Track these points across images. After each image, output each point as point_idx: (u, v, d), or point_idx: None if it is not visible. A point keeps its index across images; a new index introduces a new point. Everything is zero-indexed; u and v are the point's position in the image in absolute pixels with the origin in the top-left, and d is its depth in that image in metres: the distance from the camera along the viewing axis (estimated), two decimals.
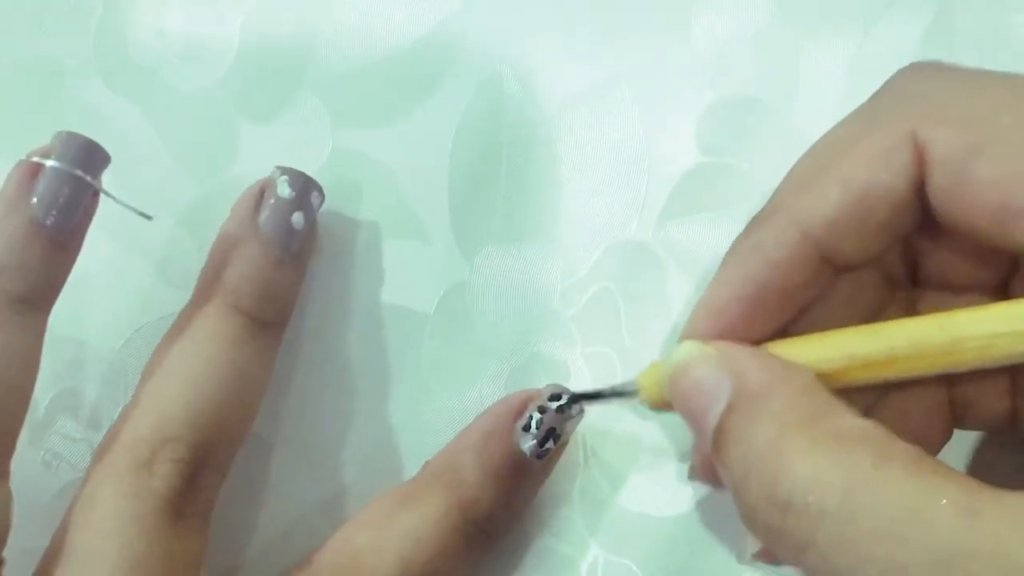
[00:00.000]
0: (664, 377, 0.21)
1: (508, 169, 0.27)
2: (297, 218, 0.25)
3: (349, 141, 0.28)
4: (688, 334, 0.21)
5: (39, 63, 0.29)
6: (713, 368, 0.20)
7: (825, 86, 0.27)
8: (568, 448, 0.26)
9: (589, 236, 0.27)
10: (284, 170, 0.25)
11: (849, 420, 0.18)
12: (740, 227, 0.27)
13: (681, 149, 0.27)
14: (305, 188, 0.25)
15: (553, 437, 0.24)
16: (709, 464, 0.22)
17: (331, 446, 0.27)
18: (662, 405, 0.22)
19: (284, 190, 0.25)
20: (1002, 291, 0.22)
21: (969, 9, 0.26)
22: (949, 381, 0.22)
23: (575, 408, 0.24)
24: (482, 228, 0.27)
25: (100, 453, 0.23)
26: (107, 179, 0.28)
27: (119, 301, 0.28)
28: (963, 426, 0.23)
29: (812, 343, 0.20)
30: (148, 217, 0.25)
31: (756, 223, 0.21)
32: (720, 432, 0.19)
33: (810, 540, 0.17)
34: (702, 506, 0.26)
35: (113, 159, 0.28)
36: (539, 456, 0.24)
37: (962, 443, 0.25)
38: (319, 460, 0.27)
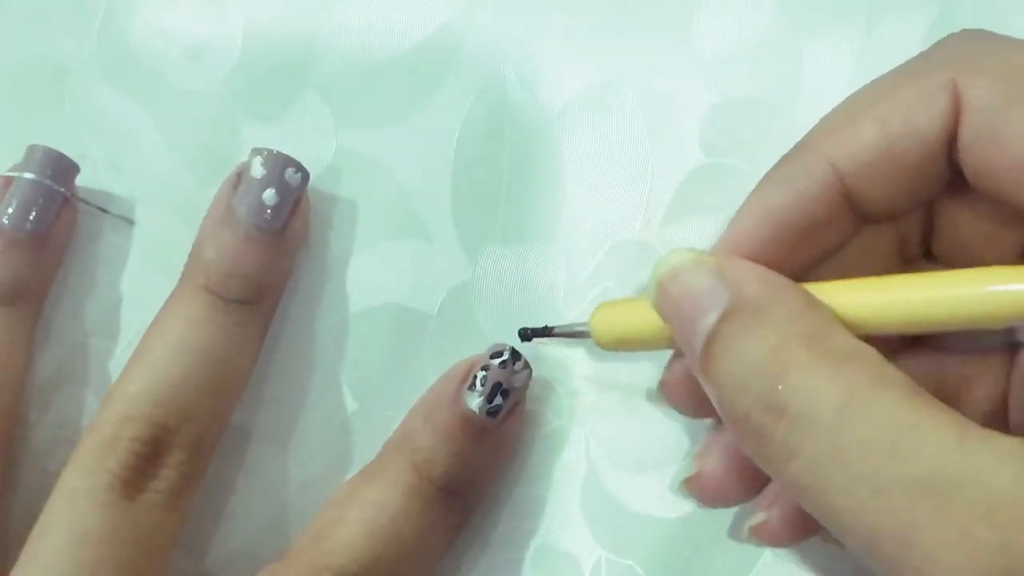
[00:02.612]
0: (654, 281, 0.21)
1: (511, 169, 0.27)
2: (268, 194, 0.25)
3: (352, 141, 0.28)
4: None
5: (43, 63, 0.29)
6: (709, 275, 0.19)
7: (828, 87, 0.27)
8: (570, 448, 0.26)
9: (592, 236, 0.27)
10: (258, 151, 0.25)
11: (848, 340, 0.18)
12: None
13: (684, 150, 0.27)
14: (279, 166, 0.25)
15: (501, 392, 0.24)
16: (680, 383, 0.22)
17: (334, 446, 0.27)
18: (613, 345, 0.23)
19: (256, 170, 0.25)
20: None
21: (972, 11, 0.27)
22: (940, 367, 0.22)
23: (518, 364, 0.24)
24: (485, 228, 0.27)
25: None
26: (110, 179, 0.28)
27: (121, 301, 0.28)
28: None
29: (828, 287, 0.20)
30: (130, 222, 0.26)
31: (787, 158, 0.21)
32: (713, 338, 0.19)
33: (799, 448, 0.17)
34: (705, 508, 0.26)
35: (117, 159, 0.29)
36: (490, 413, 0.24)
37: None
38: (322, 460, 0.27)
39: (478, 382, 0.24)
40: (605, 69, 0.28)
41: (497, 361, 0.24)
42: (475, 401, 0.24)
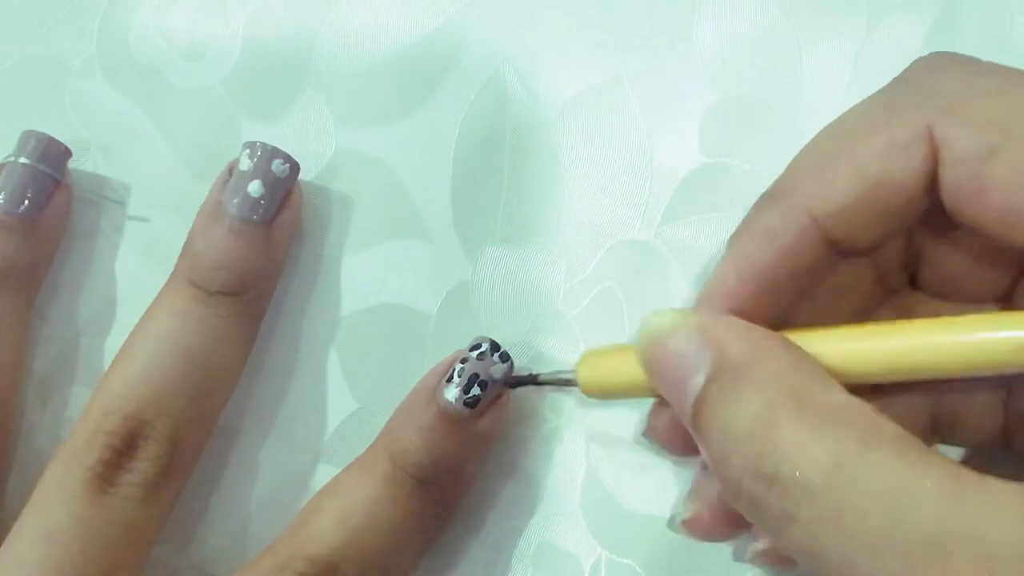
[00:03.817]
0: (640, 346, 0.21)
1: (511, 168, 0.27)
2: (254, 186, 0.25)
3: (352, 140, 0.28)
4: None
5: (43, 62, 0.29)
6: (692, 337, 0.19)
7: (828, 86, 0.27)
8: (570, 448, 0.26)
9: (592, 236, 0.27)
10: (248, 144, 0.25)
11: (836, 396, 0.18)
12: None
13: (684, 149, 0.27)
14: (266, 158, 0.25)
15: (478, 383, 0.24)
16: (669, 428, 0.22)
17: (335, 446, 0.27)
18: (599, 394, 0.23)
19: (244, 163, 0.25)
20: (1006, 300, 0.22)
21: (972, 10, 0.26)
22: (936, 396, 0.22)
23: (496, 355, 0.24)
24: (485, 227, 0.27)
25: None
26: (112, 179, 0.28)
27: (120, 300, 0.28)
28: (951, 442, 0.22)
29: (814, 336, 0.20)
30: (120, 203, 0.27)
31: (763, 205, 0.21)
32: (701, 403, 0.19)
33: (794, 515, 0.17)
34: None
35: (116, 158, 0.29)
36: (468, 404, 0.24)
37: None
38: (322, 460, 0.27)
39: (455, 374, 0.24)
40: (605, 69, 0.28)
41: (475, 353, 0.24)
42: (452, 392, 0.24)
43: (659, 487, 0.26)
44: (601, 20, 0.28)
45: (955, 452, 0.24)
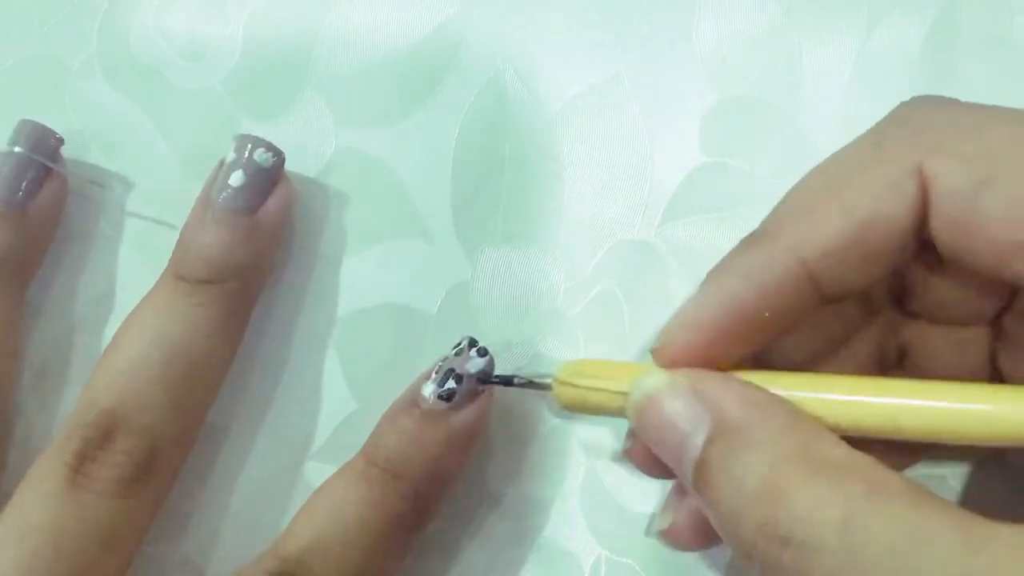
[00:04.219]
0: (633, 407, 0.20)
1: (511, 168, 0.27)
2: (235, 176, 0.25)
3: (352, 140, 0.28)
4: (663, 343, 0.21)
5: (43, 62, 0.29)
6: (687, 400, 0.19)
7: (828, 86, 0.27)
8: (570, 448, 0.26)
9: (592, 236, 0.27)
10: (236, 137, 0.26)
11: (839, 450, 0.18)
12: (743, 227, 0.27)
13: (684, 149, 0.27)
14: (248, 148, 0.25)
15: (453, 377, 0.24)
16: (644, 452, 0.22)
17: (334, 446, 0.27)
18: (572, 408, 0.23)
19: (229, 155, 0.26)
20: (994, 324, 0.22)
21: (972, 10, 0.26)
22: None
23: (474, 350, 0.24)
24: (485, 227, 0.27)
25: None
26: (112, 179, 0.28)
27: (120, 299, 0.28)
28: (946, 456, 0.22)
29: (802, 382, 0.20)
30: (101, 186, 0.28)
31: (749, 243, 0.21)
32: (703, 466, 0.19)
33: (808, 573, 0.17)
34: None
35: (117, 158, 0.29)
36: (442, 397, 0.24)
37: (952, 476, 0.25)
38: (324, 463, 0.27)
39: (433, 371, 0.24)
40: (605, 68, 0.28)
41: (454, 350, 0.24)
42: (428, 388, 0.24)
43: (659, 487, 0.26)
44: (601, 20, 0.28)
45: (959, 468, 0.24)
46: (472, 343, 0.25)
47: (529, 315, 0.27)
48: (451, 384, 0.24)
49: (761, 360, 0.22)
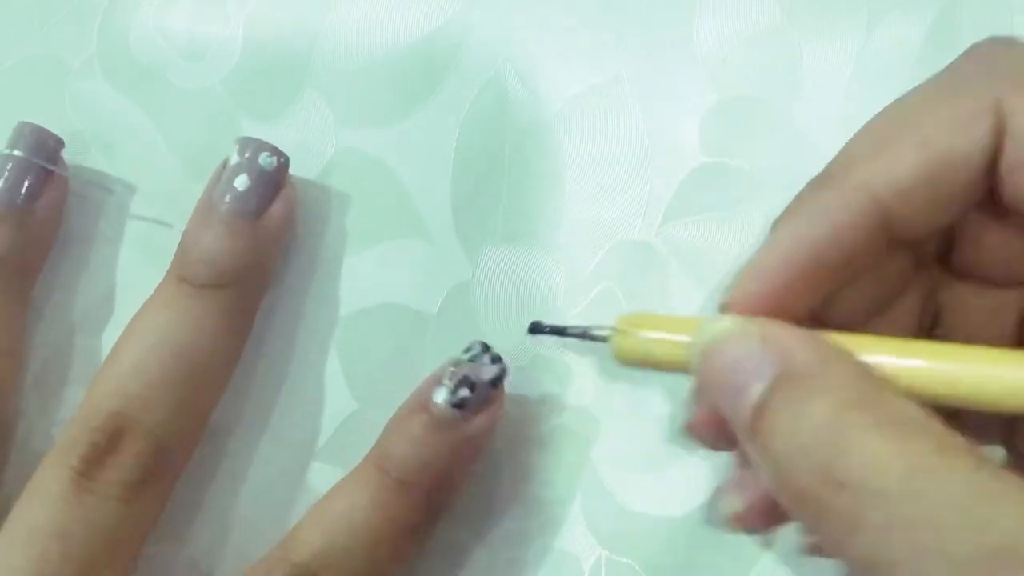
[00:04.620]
0: (697, 351, 0.20)
1: (511, 169, 0.27)
2: (240, 180, 0.25)
3: (352, 140, 0.28)
4: (735, 294, 0.20)
5: (43, 62, 0.29)
6: (756, 345, 0.19)
7: (828, 86, 0.27)
8: (570, 448, 0.26)
9: (592, 236, 0.27)
10: (239, 140, 0.26)
11: (908, 407, 0.17)
12: (744, 227, 0.27)
13: (684, 149, 0.27)
14: (253, 152, 0.25)
15: (467, 385, 0.24)
16: (707, 424, 0.21)
17: (334, 446, 0.27)
18: (630, 360, 0.22)
19: (233, 158, 0.25)
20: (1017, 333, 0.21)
21: (972, 10, 0.26)
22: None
23: (487, 357, 0.24)
24: (485, 228, 0.27)
25: None
26: (109, 173, 0.28)
27: (120, 300, 0.28)
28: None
29: (876, 346, 0.19)
30: (105, 189, 0.28)
31: (820, 182, 0.20)
32: (762, 409, 0.18)
33: (862, 522, 0.16)
34: (704, 506, 0.26)
35: (117, 158, 0.29)
36: (456, 405, 0.24)
37: None
38: (321, 460, 0.27)
39: (445, 377, 0.24)
40: (605, 68, 0.28)
41: (467, 356, 0.24)
42: (440, 395, 0.24)
43: (659, 487, 0.26)
44: (601, 20, 0.28)
45: None
46: (485, 348, 0.24)
47: (529, 315, 0.27)
48: (464, 392, 0.24)
49: (815, 319, 0.21)
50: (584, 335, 0.23)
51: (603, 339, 0.22)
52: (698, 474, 0.26)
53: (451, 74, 0.28)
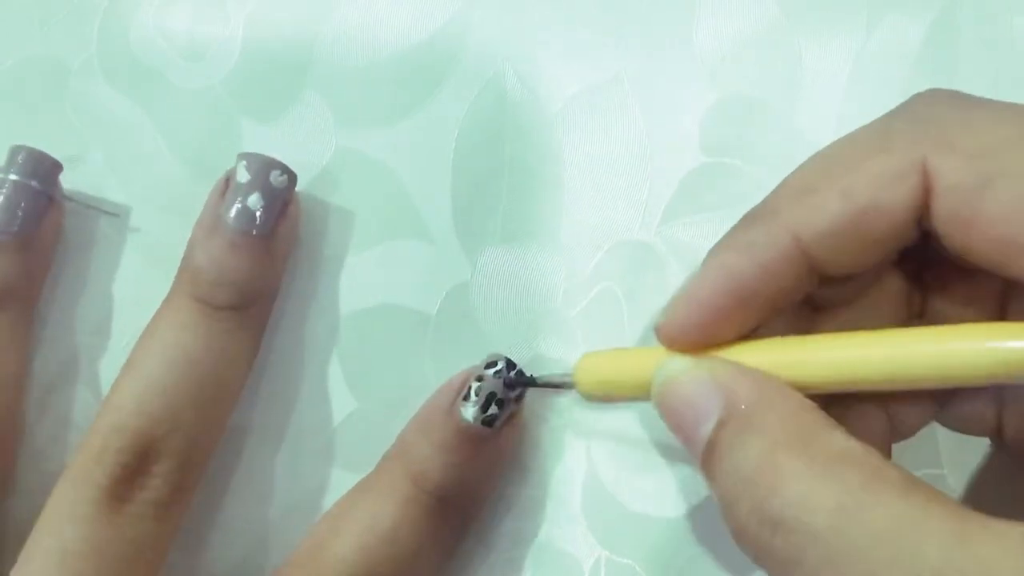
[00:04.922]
0: (656, 391, 0.21)
1: (511, 169, 0.27)
2: (254, 199, 0.25)
3: (352, 140, 0.28)
4: (666, 321, 0.21)
5: (43, 63, 0.29)
6: (704, 384, 0.20)
7: (827, 86, 0.27)
8: (571, 448, 0.26)
9: (592, 236, 0.27)
10: (244, 156, 0.25)
11: (840, 441, 0.18)
12: None
13: (683, 149, 0.27)
14: (263, 170, 0.25)
15: (496, 402, 0.24)
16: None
17: (334, 447, 0.27)
18: (597, 397, 0.23)
19: (241, 175, 0.25)
20: (999, 310, 0.22)
21: (972, 10, 0.26)
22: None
23: (514, 373, 0.24)
24: (485, 228, 0.27)
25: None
26: (109, 179, 0.28)
27: (121, 300, 0.28)
28: (946, 423, 0.23)
29: (785, 349, 0.20)
30: (115, 215, 0.27)
31: (749, 221, 0.21)
32: (711, 447, 0.19)
33: (799, 559, 0.17)
34: (704, 506, 0.26)
35: (116, 159, 0.29)
36: (485, 423, 0.24)
37: (951, 475, 0.25)
38: (321, 460, 0.27)
39: (472, 392, 0.24)
40: (605, 68, 0.28)
41: (492, 371, 0.24)
42: (470, 412, 0.24)
43: (659, 487, 0.26)
44: (601, 20, 0.28)
45: (960, 469, 0.24)
46: (510, 365, 0.25)
47: (529, 315, 0.27)
48: (494, 410, 0.24)
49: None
50: (551, 385, 0.24)
51: (570, 386, 0.23)
52: (698, 474, 0.26)
53: (451, 74, 0.28)
